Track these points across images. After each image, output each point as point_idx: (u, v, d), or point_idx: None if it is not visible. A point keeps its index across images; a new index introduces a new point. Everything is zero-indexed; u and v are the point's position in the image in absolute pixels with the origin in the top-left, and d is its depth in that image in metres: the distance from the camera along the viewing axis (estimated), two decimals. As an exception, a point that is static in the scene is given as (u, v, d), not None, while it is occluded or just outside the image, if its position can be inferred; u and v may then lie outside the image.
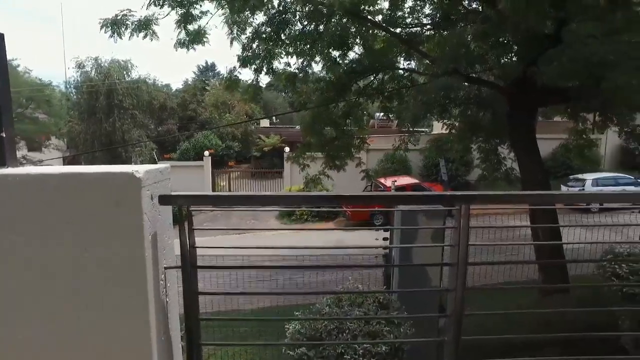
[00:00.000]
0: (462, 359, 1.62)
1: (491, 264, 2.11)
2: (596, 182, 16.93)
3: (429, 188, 17.15)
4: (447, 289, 1.49)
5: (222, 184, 22.74)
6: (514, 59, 8.33)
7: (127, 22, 8.29)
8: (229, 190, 22.41)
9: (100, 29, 8.25)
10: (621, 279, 4.86)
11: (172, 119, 27.95)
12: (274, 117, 35.19)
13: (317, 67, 10.29)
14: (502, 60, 8.69)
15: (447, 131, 9.97)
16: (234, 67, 9.89)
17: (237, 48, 9.47)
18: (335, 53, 9.58)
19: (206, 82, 35.70)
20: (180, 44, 8.94)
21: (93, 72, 24.64)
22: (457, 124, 9.85)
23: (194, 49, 9.01)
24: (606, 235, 9.95)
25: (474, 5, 9.28)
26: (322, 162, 10.55)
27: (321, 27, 9.34)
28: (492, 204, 1.41)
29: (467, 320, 1.56)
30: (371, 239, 5.34)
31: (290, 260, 9.97)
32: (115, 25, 8.24)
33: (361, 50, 9.78)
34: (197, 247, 1.44)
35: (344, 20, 9.00)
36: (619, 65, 6.40)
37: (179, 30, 8.78)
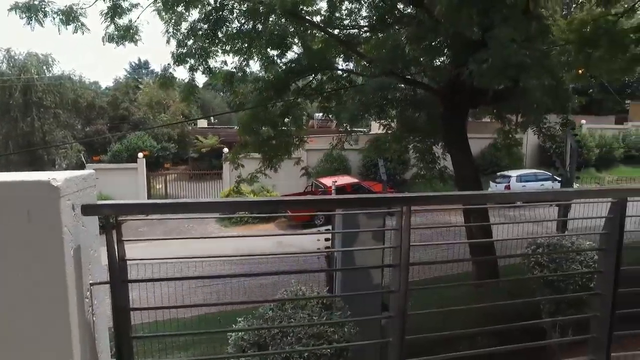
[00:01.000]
0: (405, 356, 1.65)
1: (432, 264, 2.19)
2: (520, 178, 18.36)
3: (368, 187, 17.56)
4: (390, 290, 1.50)
5: (158, 187, 21.70)
6: (446, 62, 8.75)
7: (45, 8, 7.56)
8: (166, 193, 21.47)
9: (9, 11, 7.41)
10: (542, 267, 5.29)
11: (101, 119, 26.18)
12: (212, 117, 34.24)
13: (255, 67, 10.16)
14: (435, 63, 9.10)
15: (385, 131, 10.25)
16: (168, 64, 9.50)
17: (172, 45, 9.06)
18: (274, 52, 9.50)
19: (139, 80, 33.92)
20: (109, 38, 8.38)
21: (4, 66, 22.39)
22: (394, 124, 10.15)
23: (124, 45, 8.51)
24: (529, 227, 10.79)
25: (409, 10, 9.62)
26: (260, 161, 10.43)
27: (259, 25, 9.21)
28: (432, 205, 1.45)
29: (409, 318, 1.58)
30: (313, 239, 5.35)
31: (232, 265, 9.74)
32: (29, 11, 7.45)
33: (300, 50, 9.78)
34: (128, 260, 1.33)
35: (283, 19, 8.95)
36: (533, 68, 7.00)
37: (107, 23, 8.22)
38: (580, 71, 11.53)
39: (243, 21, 9.28)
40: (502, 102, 8.80)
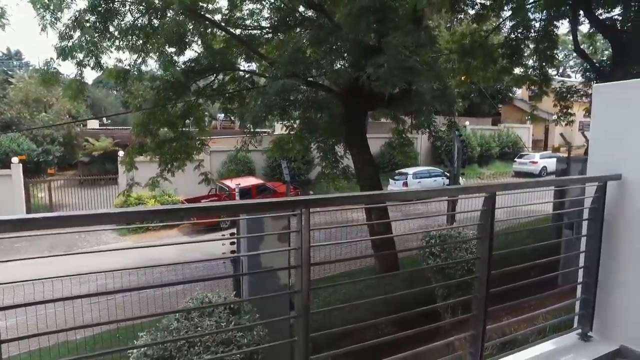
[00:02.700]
0: (311, 353, 1.70)
1: (333, 262, 2.28)
2: (415, 175, 19.88)
3: (273, 188, 17.59)
4: (294, 291, 1.54)
5: (40, 196, 19.26)
6: (346, 65, 9.12)
7: None
8: (51, 203, 19.18)
9: None
10: (435, 256, 5.82)
11: (-43, 118, 22.39)
12: (104, 118, 31.39)
13: (153, 65, 9.60)
14: (336, 66, 9.44)
15: (288, 132, 10.36)
16: (51, 59, 8.54)
17: (53, 36, 8.14)
18: (172, 50, 9.07)
19: (10, 73, 29.73)
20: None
21: None
22: (297, 125, 10.30)
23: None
24: (424, 220, 11.75)
25: (310, 13, 9.84)
26: (159, 165, 9.89)
27: (156, 21, 8.71)
28: (332, 206, 1.52)
29: (316, 315, 1.63)
30: (218, 244, 5.21)
31: (131, 276, 9.07)
32: None
33: (200, 49, 9.47)
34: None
35: (181, 16, 8.57)
36: (423, 72, 7.66)
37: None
38: (463, 78, 12.98)
39: (138, 15, 8.70)
40: (396, 105, 9.44)
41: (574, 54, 15.50)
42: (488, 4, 11.28)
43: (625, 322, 2.63)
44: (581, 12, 11.08)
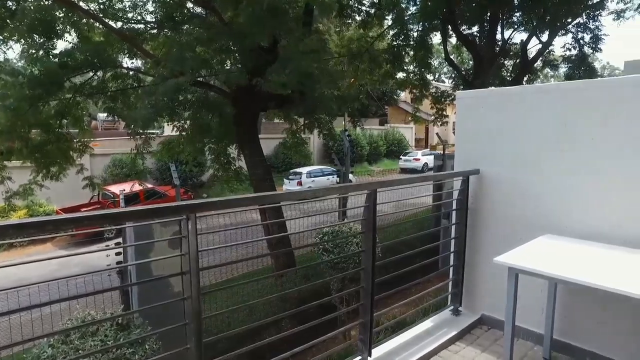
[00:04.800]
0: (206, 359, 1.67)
1: (223, 265, 2.27)
2: (309, 174, 20.37)
3: (163, 192, 16.60)
4: (183, 298, 1.50)
5: None
6: (238, 66, 8.99)
7: None
8: None
9: None
10: (328, 252, 6.05)
11: None
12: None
13: (16, 56, 8.40)
14: (227, 67, 9.25)
15: (178, 133, 9.88)
16: None
17: None
18: (40, 41, 8.04)
19: None
20: None
21: None
22: (187, 127, 9.87)
23: None
24: (320, 217, 12.09)
25: (199, 10, 9.49)
26: (32, 171, 8.75)
27: (11, 3, 7.65)
28: (220, 210, 1.51)
29: (213, 320, 1.61)
30: (102, 256, 4.77)
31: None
32: None
33: (76, 41, 8.56)
34: None
35: (47, 1, 7.65)
36: (320, 78, 7.94)
37: None
38: (352, 80, 13.76)
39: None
40: (289, 106, 9.61)
41: (446, 63, 17.45)
42: (373, 12, 12.11)
43: (485, 294, 3.06)
44: (449, 26, 12.54)
